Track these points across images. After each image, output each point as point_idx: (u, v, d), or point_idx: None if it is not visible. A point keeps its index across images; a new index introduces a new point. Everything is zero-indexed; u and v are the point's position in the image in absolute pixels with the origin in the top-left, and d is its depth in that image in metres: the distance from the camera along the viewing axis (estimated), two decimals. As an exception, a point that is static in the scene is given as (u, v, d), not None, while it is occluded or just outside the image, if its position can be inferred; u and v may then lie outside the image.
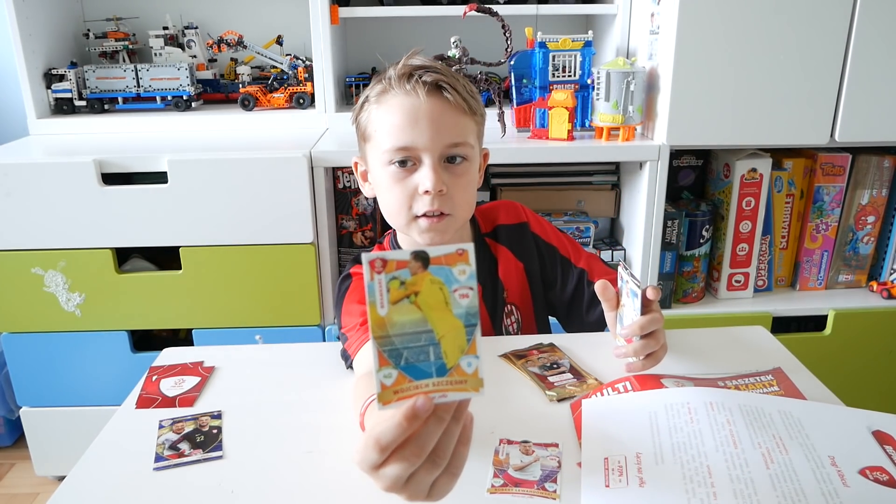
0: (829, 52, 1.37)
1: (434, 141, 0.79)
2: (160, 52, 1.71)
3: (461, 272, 0.41)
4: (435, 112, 0.79)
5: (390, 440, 0.44)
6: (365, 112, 0.84)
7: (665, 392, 0.69)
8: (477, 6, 1.39)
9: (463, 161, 0.83)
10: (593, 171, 1.66)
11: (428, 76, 0.79)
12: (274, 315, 1.46)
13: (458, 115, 0.81)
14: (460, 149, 0.82)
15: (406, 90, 0.79)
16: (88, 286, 1.43)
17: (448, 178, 0.81)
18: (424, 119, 0.79)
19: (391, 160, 0.81)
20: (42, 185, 1.36)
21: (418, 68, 0.80)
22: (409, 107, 0.79)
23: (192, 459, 0.64)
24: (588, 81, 1.51)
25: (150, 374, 0.81)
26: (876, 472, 0.57)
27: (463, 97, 0.81)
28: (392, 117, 0.80)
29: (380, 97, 0.82)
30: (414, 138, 0.79)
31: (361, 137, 0.86)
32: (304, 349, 0.89)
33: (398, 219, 0.84)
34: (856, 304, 1.55)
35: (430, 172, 0.79)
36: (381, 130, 0.81)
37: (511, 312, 0.99)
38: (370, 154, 0.85)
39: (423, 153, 0.80)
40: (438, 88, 0.80)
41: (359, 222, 1.60)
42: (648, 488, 0.57)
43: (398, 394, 0.43)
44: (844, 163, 1.53)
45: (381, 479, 0.47)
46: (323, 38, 1.56)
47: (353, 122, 0.88)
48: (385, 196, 0.84)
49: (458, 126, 0.81)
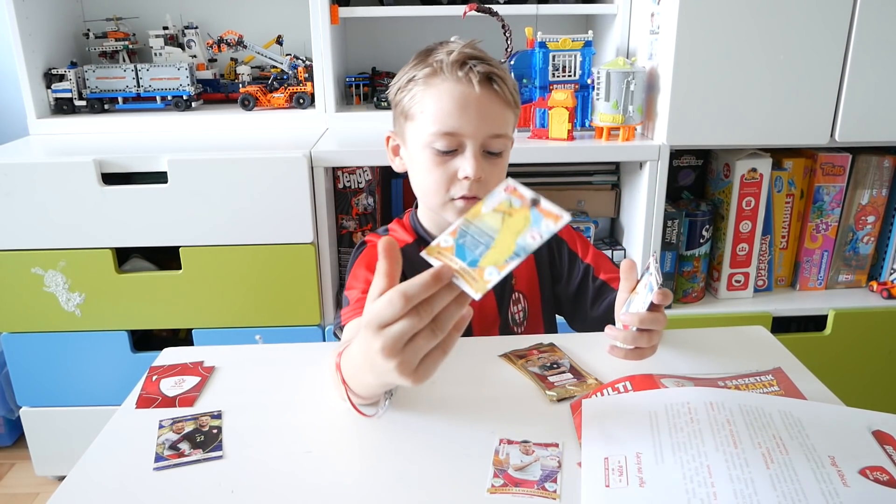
0: (829, 52, 1.37)
1: (479, 130, 0.82)
2: (160, 52, 1.71)
3: (546, 227, 0.51)
4: (483, 102, 0.82)
5: (415, 293, 0.50)
6: (409, 92, 0.85)
7: (665, 392, 0.69)
8: (477, 6, 1.39)
9: (501, 154, 0.86)
10: (593, 171, 1.66)
11: (481, 67, 0.82)
12: (274, 315, 1.46)
13: (503, 108, 0.84)
14: (500, 140, 0.85)
15: (458, 77, 0.81)
16: (88, 286, 1.43)
17: (486, 166, 0.84)
18: (473, 108, 0.81)
19: (434, 143, 0.83)
20: (42, 185, 1.36)
21: (471, 58, 0.82)
22: (459, 94, 0.81)
23: (192, 459, 0.64)
24: (588, 81, 1.51)
25: (150, 373, 0.81)
26: (876, 472, 0.57)
27: (510, 90, 0.84)
28: (441, 102, 0.82)
29: (428, 79, 0.83)
30: (461, 125, 0.81)
31: (402, 115, 0.88)
32: (304, 349, 0.89)
33: (434, 198, 0.87)
34: (856, 304, 1.55)
35: (473, 160, 0.82)
36: (427, 112, 0.83)
37: (518, 300, 1.00)
38: (410, 132, 0.87)
39: (467, 140, 0.82)
40: (489, 80, 0.82)
41: (359, 222, 1.60)
42: (648, 488, 0.57)
43: (439, 255, 0.54)
44: (844, 163, 1.53)
45: (383, 338, 0.52)
46: (323, 38, 1.56)
47: (391, 97, 0.90)
48: (422, 176, 0.86)
49: (502, 118, 0.84)
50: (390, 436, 0.67)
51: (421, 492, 0.60)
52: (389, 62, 1.85)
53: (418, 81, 0.84)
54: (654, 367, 0.77)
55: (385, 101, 1.64)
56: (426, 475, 0.61)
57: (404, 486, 0.60)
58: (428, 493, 0.59)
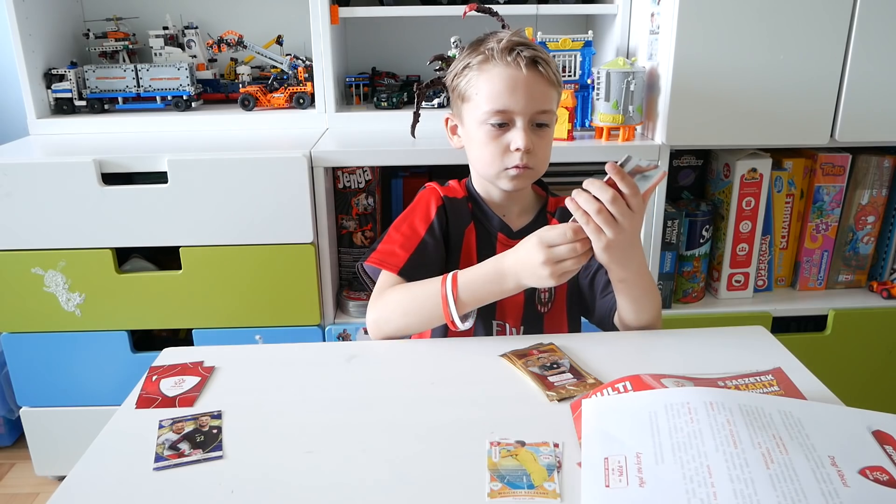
0: (829, 52, 1.37)
1: (528, 107, 0.92)
2: (160, 52, 1.71)
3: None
4: (530, 83, 0.91)
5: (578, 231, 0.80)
6: (464, 77, 0.95)
7: (665, 392, 0.69)
8: (477, 6, 1.39)
9: (546, 126, 0.95)
10: (593, 172, 1.66)
11: (527, 52, 0.91)
12: (274, 315, 1.46)
13: (547, 87, 0.93)
14: (546, 115, 0.94)
15: (507, 62, 0.91)
16: (88, 286, 1.43)
17: (535, 139, 0.93)
18: (521, 88, 0.91)
19: (488, 120, 0.93)
20: (42, 185, 1.36)
21: (518, 44, 0.92)
22: (508, 76, 0.91)
23: (192, 459, 0.64)
24: (588, 81, 1.51)
25: (150, 374, 0.81)
26: (876, 472, 0.57)
27: (553, 71, 0.94)
28: (493, 84, 0.92)
29: (481, 65, 0.93)
30: (511, 103, 0.91)
31: (459, 98, 0.98)
32: (304, 349, 0.89)
33: (490, 169, 0.96)
34: (856, 304, 1.55)
35: (523, 133, 0.92)
36: (481, 94, 0.93)
37: None
38: (466, 113, 0.97)
39: (517, 116, 0.92)
40: (535, 63, 0.92)
41: (359, 222, 1.60)
42: (648, 488, 0.57)
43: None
44: (844, 163, 1.53)
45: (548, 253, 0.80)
46: (323, 38, 1.56)
47: (449, 83, 1.00)
48: (479, 149, 0.96)
49: (547, 95, 0.94)
50: (390, 436, 0.67)
51: (421, 492, 0.60)
52: (389, 62, 1.85)
53: (473, 67, 0.94)
54: (654, 367, 0.77)
55: (385, 101, 1.64)
56: (427, 475, 0.61)
57: (405, 486, 0.61)
58: (428, 492, 0.60)
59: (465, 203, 1.03)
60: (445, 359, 0.84)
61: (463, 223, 1.01)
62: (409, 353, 0.87)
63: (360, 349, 0.86)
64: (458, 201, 1.02)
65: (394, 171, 1.69)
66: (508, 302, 1.00)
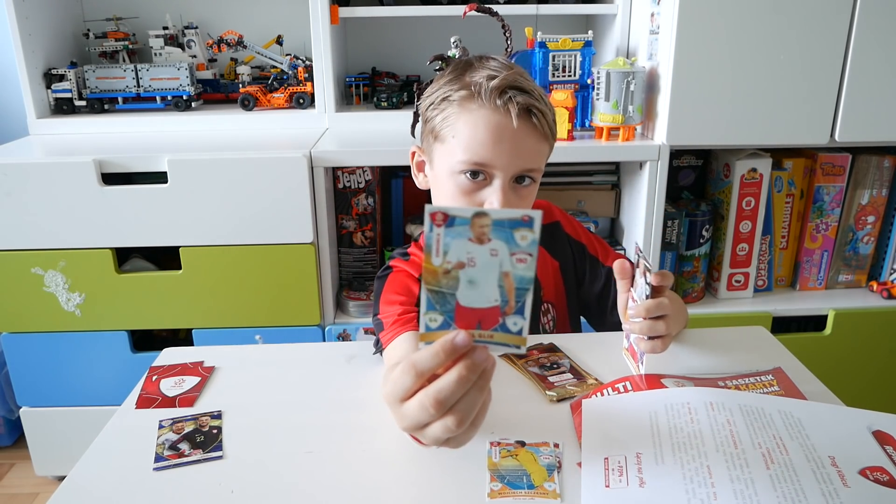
0: (829, 52, 1.37)
1: (512, 164, 0.79)
2: (160, 52, 1.71)
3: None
4: (519, 136, 0.78)
5: (426, 367, 0.46)
6: (442, 111, 0.81)
7: (665, 392, 0.69)
8: (477, 6, 1.38)
9: (531, 183, 0.82)
10: (593, 171, 1.66)
11: (521, 98, 0.77)
12: (274, 315, 1.46)
13: (539, 142, 0.80)
14: (532, 173, 0.82)
15: (495, 106, 0.77)
16: (88, 286, 1.43)
17: (514, 199, 0.81)
18: (509, 141, 0.77)
19: (463, 171, 0.79)
20: (42, 185, 1.36)
21: (512, 86, 0.77)
22: (495, 125, 0.77)
23: (192, 459, 0.64)
24: (588, 81, 1.51)
25: (150, 374, 0.81)
26: (876, 472, 0.57)
27: (549, 124, 0.81)
28: (476, 130, 0.78)
29: (464, 103, 0.79)
30: (493, 157, 0.78)
31: (431, 133, 0.84)
32: (304, 349, 0.89)
33: None
34: (856, 304, 1.55)
35: (500, 194, 0.78)
36: (459, 138, 0.79)
37: (547, 311, 0.99)
38: (437, 153, 0.83)
39: (496, 171, 0.79)
40: (528, 113, 0.78)
41: (359, 222, 1.60)
42: (648, 488, 0.57)
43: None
44: (844, 163, 1.53)
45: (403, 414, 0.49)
46: (323, 38, 1.56)
47: (422, 111, 0.86)
48: (446, 202, 0.83)
49: (536, 152, 0.81)
50: (391, 436, 0.67)
51: (422, 492, 0.60)
52: (389, 62, 1.85)
53: (453, 103, 0.80)
54: (654, 367, 0.77)
55: (385, 102, 1.64)
56: (427, 475, 0.61)
57: (405, 487, 0.61)
58: (428, 492, 0.60)
59: None
60: (445, 359, 0.83)
61: None
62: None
63: (360, 349, 0.86)
64: None
65: (394, 171, 1.69)
66: None
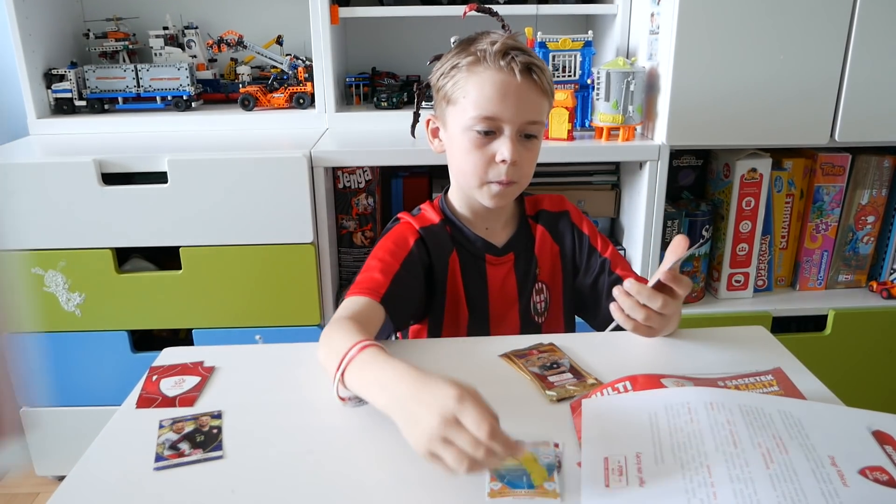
0: (829, 53, 1.37)
1: (518, 116, 0.87)
2: (160, 52, 1.71)
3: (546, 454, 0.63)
4: (523, 90, 0.86)
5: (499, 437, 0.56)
6: (451, 78, 0.89)
7: (665, 392, 0.69)
8: (477, 6, 1.38)
9: (534, 137, 0.90)
10: (593, 171, 1.66)
11: (522, 57, 0.86)
12: (274, 315, 1.46)
13: (540, 96, 0.88)
14: (536, 126, 0.89)
15: (500, 66, 0.85)
16: (88, 286, 1.43)
17: (522, 151, 0.88)
18: (513, 95, 0.86)
19: (474, 127, 0.87)
20: (42, 185, 1.36)
21: (513, 48, 0.86)
22: (500, 82, 0.85)
23: (192, 459, 0.64)
24: (588, 81, 1.51)
25: (151, 374, 0.81)
26: (876, 472, 0.57)
27: (547, 80, 0.89)
28: (483, 89, 0.86)
29: (471, 67, 0.87)
30: (501, 111, 0.86)
31: (444, 99, 0.92)
32: (304, 349, 0.89)
33: (471, 179, 0.91)
34: (856, 304, 1.55)
35: (510, 144, 0.87)
36: (469, 98, 0.87)
37: (541, 290, 1.02)
38: (451, 116, 0.91)
39: (505, 125, 0.87)
40: (529, 70, 0.86)
41: (359, 222, 1.60)
42: (648, 488, 0.57)
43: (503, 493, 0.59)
44: (844, 163, 1.53)
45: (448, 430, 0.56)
46: (323, 38, 1.56)
47: (434, 82, 0.93)
48: (461, 157, 0.90)
49: (539, 106, 0.89)
50: (391, 437, 0.67)
51: (422, 492, 0.60)
52: (389, 62, 1.85)
53: (461, 68, 0.88)
54: (654, 367, 0.77)
55: (385, 102, 1.64)
56: (427, 475, 0.61)
57: (405, 487, 0.60)
58: (428, 492, 0.59)
59: (442, 228, 0.96)
60: (445, 359, 0.83)
61: (445, 252, 0.96)
62: (409, 354, 0.87)
63: (360, 349, 0.86)
64: (435, 229, 0.96)
65: (394, 171, 1.69)
66: (503, 314, 0.99)
